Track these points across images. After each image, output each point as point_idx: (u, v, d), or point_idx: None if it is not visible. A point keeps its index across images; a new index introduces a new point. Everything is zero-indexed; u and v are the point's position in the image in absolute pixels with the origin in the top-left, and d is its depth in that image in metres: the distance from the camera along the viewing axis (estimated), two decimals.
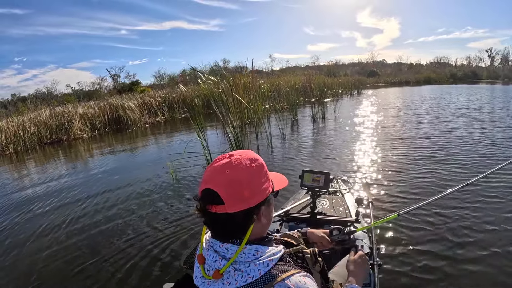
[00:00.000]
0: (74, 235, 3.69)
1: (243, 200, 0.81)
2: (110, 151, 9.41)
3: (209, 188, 0.80)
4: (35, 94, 40.22)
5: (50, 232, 3.86)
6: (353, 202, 2.48)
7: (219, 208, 0.79)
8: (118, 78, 44.07)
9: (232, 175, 0.80)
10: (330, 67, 47.72)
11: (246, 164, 0.83)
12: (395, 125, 8.72)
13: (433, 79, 39.53)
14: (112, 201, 4.62)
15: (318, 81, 16.53)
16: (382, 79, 43.40)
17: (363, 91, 24.92)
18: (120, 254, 3.09)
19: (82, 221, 4.07)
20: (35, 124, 12.54)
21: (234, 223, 0.82)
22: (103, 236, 3.56)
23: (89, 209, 4.45)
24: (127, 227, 3.71)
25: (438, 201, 3.41)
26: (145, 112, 15.45)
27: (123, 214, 4.12)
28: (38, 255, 3.30)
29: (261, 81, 11.86)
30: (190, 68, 5.65)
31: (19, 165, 9.19)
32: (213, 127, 8.83)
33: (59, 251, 3.34)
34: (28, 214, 4.58)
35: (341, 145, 6.75)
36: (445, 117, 9.60)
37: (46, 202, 5.00)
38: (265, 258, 0.81)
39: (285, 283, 0.77)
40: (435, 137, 6.78)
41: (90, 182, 5.86)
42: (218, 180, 0.80)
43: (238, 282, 0.78)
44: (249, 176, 0.83)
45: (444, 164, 4.90)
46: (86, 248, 3.33)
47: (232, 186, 0.80)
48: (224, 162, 0.83)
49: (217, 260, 0.82)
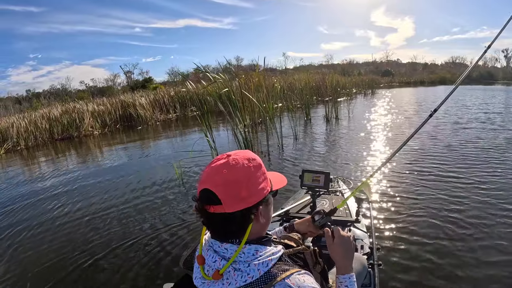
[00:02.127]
0: (74, 233, 3.66)
1: (241, 199, 0.80)
2: (119, 149, 9.36)
3: (207, 189, 0.80)
4: (49, 90, 40.78)
5: (46, 230, 3.83)
6: (353, 201, 2.48)
7: (217, 208, 0.79)
8: (131, 75, 44.32)
9: (230, 175, 0.80)
10: (344, 66, 47.16)
11: (243, 164, 0.83)
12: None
13: (448, 80, 38.63)
14: (114, 200, 4.57)
15: (332, 80, 16.16)
16: (396, 79, 42.72)
17: (377, 91, 24.39)
18: (120, 254, 3.07)
19: (81, 219, 4.03)
20: (47, 120, 12.58)
21: (233, 223, 0.81)
22: (103, 235, 3.51)
23: (90, 207, 4.42)
24: (128, 226, 3.67)
25: (438, 201, 3.53)
26: (157, 109, 15.38)
27: (124, 213, 4.07)
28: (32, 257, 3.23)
29: (274, 79, 11.60)
30: (197, 66, 5.38)
31: (29, 160, 9.21)
32: (224, 125, 8.61)
33: (59, 250, 3.29)
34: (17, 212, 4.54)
35: (354, 148, 6.37)
36: (465, 122, 8.61)
37: (47, 199, 4.96)
38: (264, 258, 0.81)
39: (285, 282, 0.77)
40: (454, 147, 5.99)
41: (94, 180, 5.81)
42: (216, 180, 0.80)
43: (237, 282, 0.78)
44: (247, 175, 0.82)
45: (460, 179, 4.20)
46: (84, 246, 3.29)
47: (229, 186, 0.79)
48: (221, 162, 0.83)
49: (216, 261, 0.82)
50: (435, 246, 2.73)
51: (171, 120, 15.05)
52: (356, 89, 22.53)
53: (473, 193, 3.69)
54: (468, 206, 3.38)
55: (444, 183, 4.10)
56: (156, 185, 5.01)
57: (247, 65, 39.58)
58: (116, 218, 3.92)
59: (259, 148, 6.38)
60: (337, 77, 19.42)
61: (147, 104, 14.86)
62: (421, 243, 2.79)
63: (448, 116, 9.70)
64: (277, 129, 6.90)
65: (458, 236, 2.86)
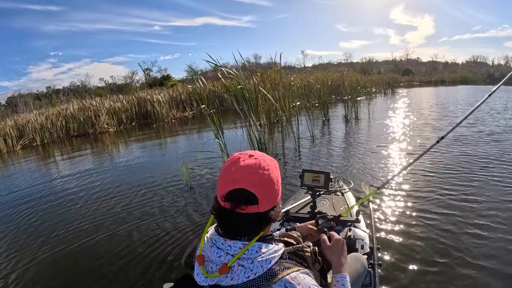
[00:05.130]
0: (75, 231, 3.67)
1: (273, 199, 0.85)
2: (133, 147, 9.29)
3: (243, 188, 0.80)
4: (69, 87, 41.51)
5: (46, 230, 3.80)
6: (354, 201, 2.49)
7: (252, 208, 0.80)
8: (150, 72, 44.63)
9: (266, 176, 0.82)
10: (364, 64, 46.14)
11: (272, 165, 0.86)
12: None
13: (470, 79, 37.08)
14: (118, 199, 4.56)
15: (351, 78, 15.66)
16: (416, 78, 41.37)
17: (398, 90, 23.55)
18: (121, 253, 3.04)
19: (84, 216, 4.06)
20: (63, 117, 12.65)
21: (261, 221, 0.83)
22: (104, 235, 3.49)
23: (96, 204, 4.44)
24: (130, 225, 3.65)
25: (439, 201, 3.51)
26: (173, 106, 15.26)
27: (128, 212, 4.06)
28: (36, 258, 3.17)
29: (291, 78, 11.22)
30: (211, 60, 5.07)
31: (43, 156, 9.23)
32: (241, 123, 8.26)
33: (59, 249, 3.28)
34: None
35: (372, 153, 5.82)
36: (498, 133, 6.82)
37: (46, 201, 4.93)
38: (267, 255, 0.82)
39: (286, 279, 0.79)
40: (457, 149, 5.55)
41: (104, 178, 5.80)
42: (252, 179, 0.80)
43: (240, 278, 0.79)
44: (277, 176, 0.87)
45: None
46: (86, 245, 3.29)
47: (267, 186, 0.82)
48: (252, 163, 0.83)
49: (221, 256, 0.82)
50: (436, 246, 2.71)
51: (187, 118, 14.91)
52: (376, 88, 21.82)
53: (476, 194, 3.63)
54: (470, 207, 3.33)
55: (444, 183, 4.03)
56: (162, 184, 4.94)
57: (266, 63, 39.12)
58: (116, 217, 3.91)
59: (274, 150, 6.04)
60: (356, 76, 18.91)
61: (163, 102, 14.76)
62: (422, 243, 2.77)
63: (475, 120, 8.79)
64: (294, 129, 6.52)
65: (459, 236, 2.83)
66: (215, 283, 0.82)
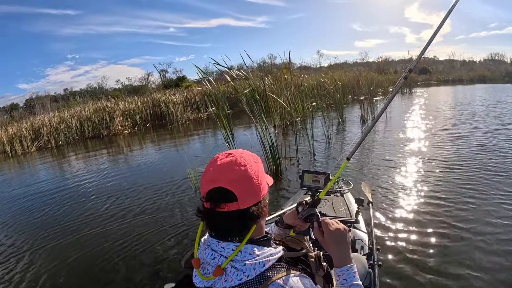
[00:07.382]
0: (76, 230, 3.77)
1: (254, 194, 0.82)
2: (146, 149, 9.31)
3: (220, 187, 0.79)
4: (86, 89, 42.27)
5: (49, 230, 3.91)
6: (353, 202, 2.46)
7: (231, 206, 0.79)
8: (166, 73, 44.99)
9: (243, 171, 0.81)
10: (380, 63, 45.26)
11: (251, 160, 0.85)
12: (453, 139, 6.53)
13: (488, 78, 35.97)
14: (125, 200, 4.62)
15: (367, 78, 15.28)
16: (434, 77, 40.39)
17: (415, 90, 22.93)
18: (123, 253, 3.08)
19: (90, 216, 4.16)
20: (78, 118, 12.77)
21: (244, 219, 0.81)
22: (105, 234, 3.56)
23: (103, 205, 4.52)
24: (132, 226, 3.72)
25: (439, 201, 3.52)
26: (188, 108, 15.23)
27: (133, 213, 4.12)
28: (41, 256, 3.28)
29: (300, 78, 10.96)
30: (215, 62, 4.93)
31: (56, 158, 9.32)
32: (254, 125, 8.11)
33: (61, 249, 3.36)
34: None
35: (391, 157, 5.54)
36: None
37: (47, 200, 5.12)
38: (261, 258, 0.80)
39: (277, 283, 0.77)
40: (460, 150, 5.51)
41: (112, 180, 5.86)
42: (229, 177, 0.79)
43: (233, 280, 0.78)
44: (256, 171, 0.84)
45: None
46: (89, 245, 3.33)
47: (244, 182, 0.80)
48: (229, 160, 0.82)
49: (215, 258, 0.82)
50: (436, 246, 2.71)
51: (201, 119, 14.86)
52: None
53: (479, 194, 3.62)
54: (471, 209, 3.32)
55: (445, 183, 4.03)
56: (170, 187, 4.95)
57: (281, 63, 38.84)
58: (119, 219, 3.98)
59: (288, 154, 5.82)
60: (372, 75, 18.52)
61: (178, 103, 14.74)
62: (422, 243, 2.77)
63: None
64: (308, 131, 6.26)
65: (459, 236, 2.82)
66: (211, 285, 0.82)
